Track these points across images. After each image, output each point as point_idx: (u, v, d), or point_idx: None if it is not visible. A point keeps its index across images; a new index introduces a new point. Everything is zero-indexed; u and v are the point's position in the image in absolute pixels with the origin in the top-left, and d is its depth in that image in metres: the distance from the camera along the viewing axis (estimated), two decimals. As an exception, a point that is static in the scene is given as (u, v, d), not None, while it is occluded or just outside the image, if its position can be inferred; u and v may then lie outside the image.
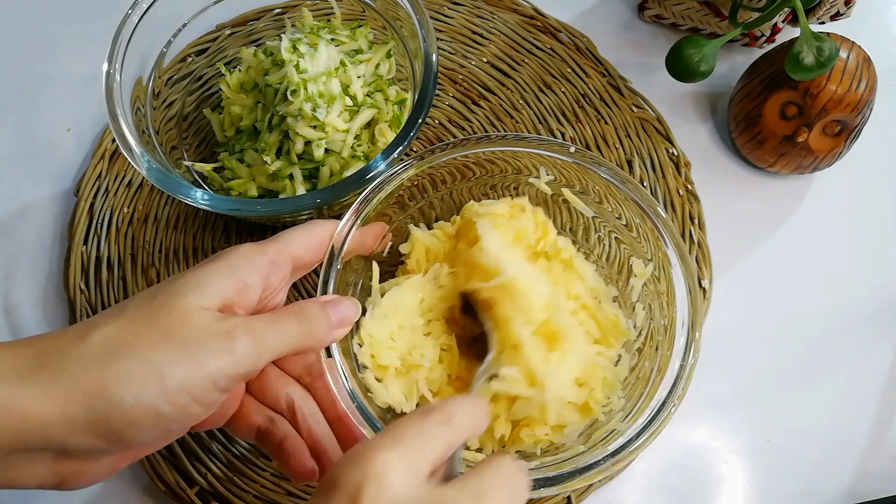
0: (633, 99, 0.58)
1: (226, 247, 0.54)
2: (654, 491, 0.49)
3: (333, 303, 0.38)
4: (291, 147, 0.49)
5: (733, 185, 0.57)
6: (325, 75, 0.49)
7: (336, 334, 0.38)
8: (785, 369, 0.52)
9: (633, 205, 0.43)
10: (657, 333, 0.43)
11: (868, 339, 0.53)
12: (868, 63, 0.51)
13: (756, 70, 0.54)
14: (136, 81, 0.48)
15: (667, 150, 0.57)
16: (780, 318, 0.53)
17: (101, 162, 0.56)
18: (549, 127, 0.58)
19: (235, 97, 0.52)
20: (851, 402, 0.51)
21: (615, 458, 0.37)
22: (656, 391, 0.39)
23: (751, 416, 0.51)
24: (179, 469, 0.48)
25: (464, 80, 0.59)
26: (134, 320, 0.33)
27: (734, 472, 0.49)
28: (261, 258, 0.36)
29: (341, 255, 0.41)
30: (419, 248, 0.47)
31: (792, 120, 0.52)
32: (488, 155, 0.45)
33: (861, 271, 0.55)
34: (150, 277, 0.54)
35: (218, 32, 0.55)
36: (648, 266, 0.44)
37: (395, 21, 0.51)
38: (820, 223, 0.56)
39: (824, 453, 0.50)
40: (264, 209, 0.44)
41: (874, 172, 0.58)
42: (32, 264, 0.55)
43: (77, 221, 0.55)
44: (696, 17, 0.60)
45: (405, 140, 0.44)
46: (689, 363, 0.39)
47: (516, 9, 0.62)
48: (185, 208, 0.55)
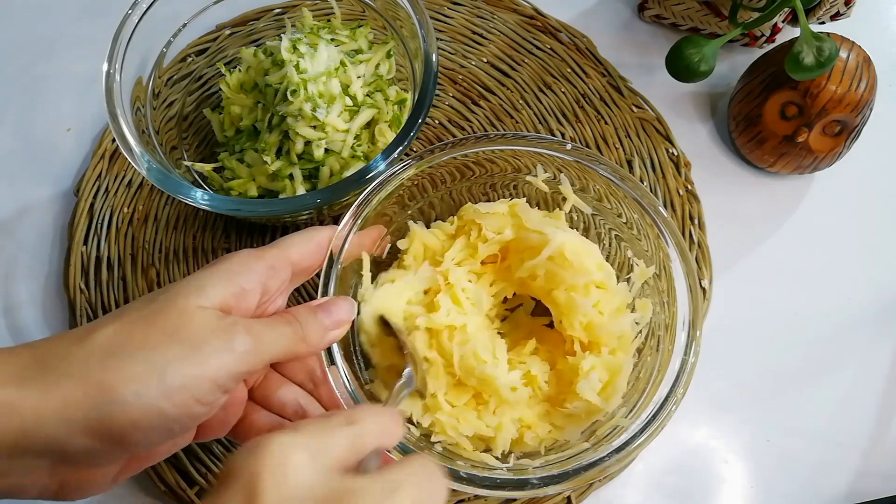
0: (633, 99, 0.58)
1: (226, 247, 0.54)
2: (654, 491, 0.49)
3: (326, 305, 0.38)
4: (291, 147, 0.49)
5: (733, 185, 0.57)
6: (325, 75, 0.49)
7: (332, 336, 0.38)
8: (785, 369, 0.52)
9: (632, 202, 0.43)
10: (658, 329, 0.43)
11: (868, 339, 0.53)
12: (868, 63, 0.51)
13: (756, 70, 0.54)
14: (136, 81, 0.48)
15: (667, 150, 0.57)
16: (780, 318, 0.53)
17: (101, 162, 0.56)
18: (549, 127, 0.58)
19: (235, 97, 0.52)
20: (851, 402, 0.51)
21: (619, 455, 0.38)
22: (657, 388, 0.39)
23: (751, 416, 0.51)
24: (179, 469, 0.48)
25: (464, 80, 0.59)
26: (134, 322, 0.33)
27: (734, 472, 0.49)
28: (259, 263, 0.36)
29: (341, 258, 0.41)
30: (417, 244, 0.47)
31: (792, 120, 0.52)
32: (487, 154, 0.45)
33: (861, 271, 0.55)
34: (150, 277, 0.54)
35: (218, 32, 0.55)
36: (650, 265, 0.44)
37: (395, 21, 0.51)
38: (820, 223, 0.56)
39: (824, 453, 0.50)
40: (264, 209, 0.44)
41: (874, 172, 0.58)
42: (32, 264, 0.55)
43: (77, 221, 0.55)
44: (696, 17, 0.60)
45: (405, 140, 0.44)
46: (690, 360, 0.40)
47: (516, 9, 0.62)
48: (185, 208, 0.55)
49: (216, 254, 0.54)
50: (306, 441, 0.28)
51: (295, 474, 0.26)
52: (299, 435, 0.28)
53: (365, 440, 0.30)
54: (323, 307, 0.38)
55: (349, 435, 0.29)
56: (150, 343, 0.32)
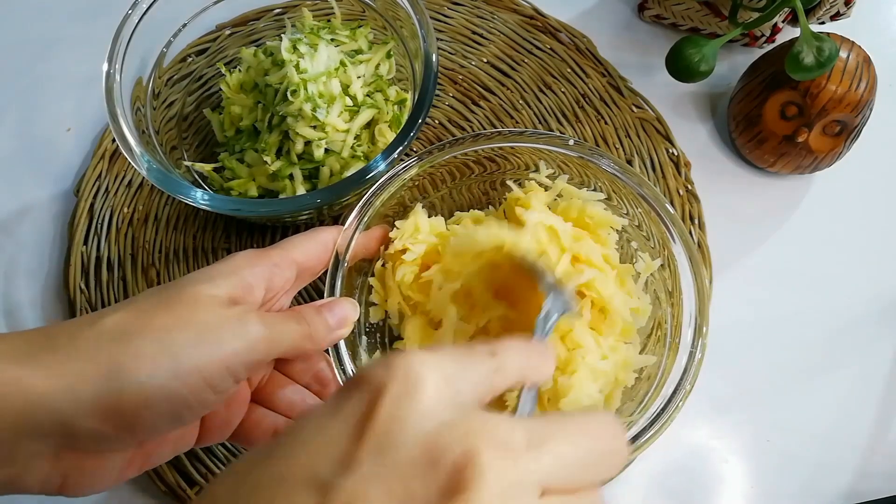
0: (633, 99, 0.58)
1: (226, 247, 0.54)
2: (654, 491, 0.49)
3: (330, 305, 0.39)
4: (291, 147, 0.49)
5: (733, 185, 0.57)
6: (325, 75, 0.49)
7: (337, 335, 0.38)
8: (785, 369, 0.52)
9: (635, 196, 0.43)
10: (664, 322, 0.43)
11: (868, 339, 0.53)
12: (868, 63, 0.51)
13: (756, 70, 0.54)
14: (136, 81, 0.48)
15: (667, 150, 0.57)
16: (780, 318, 0.53)
17: (101, 162, 0.56)
18: (549, 127, 0.58)
19: (235, 97, 0.52)
20: (851, 402, 0.51)
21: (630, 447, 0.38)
22: (665, 383, 0.39)
23: (751, 416, 0.51)
24: (179, 469, 0.48)
25: (464, 80, 0.59)
26: (145, 308, 0.33)
27: (734, 472, 0.49)
28: (263, 261, 0.37)
29: (346, 258, 0.41)
30: (410, 223, 0.45)
31: (792, 120, 0.52)
32: (488, 152, 0.45)
33: (861, 271, 0.55)
34: (150, 277, 0.54)
35: (218, 32, 0.55)
36: (655, 259, 0.44)
37: (395, 21, 0.51)
38: (820, 223, 0.56)
39: (824, 453, 0.50)
40: (264, 209, 0.44)
41: (874, 172, 0.58)
42: (32, 264, 0.55)
43: (77, 221, 0.55)
44: (696, 17, 0.60)
45: (405, 140, 0.44)
46: (697, 355, 0.40)
47: (516, 9, 0.62)
48: (185, 208, 0.55)
49: (216, 254, 0.54)
50: (443, 362, 0.24)
51: (424, 393, 0.23)
52: (437, 356, 0.24)
53: (507, 374, 0.26)
54: (327, 306, 0.38)
55: (490, 366, 0.26)
56: (162, 327, 0.32)
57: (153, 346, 0.31)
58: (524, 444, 0.22)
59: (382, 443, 0.21)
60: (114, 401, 0.30)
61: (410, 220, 0.44)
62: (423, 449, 0.21)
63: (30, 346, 0.31)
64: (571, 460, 0.23)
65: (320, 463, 0.22)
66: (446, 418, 0.22)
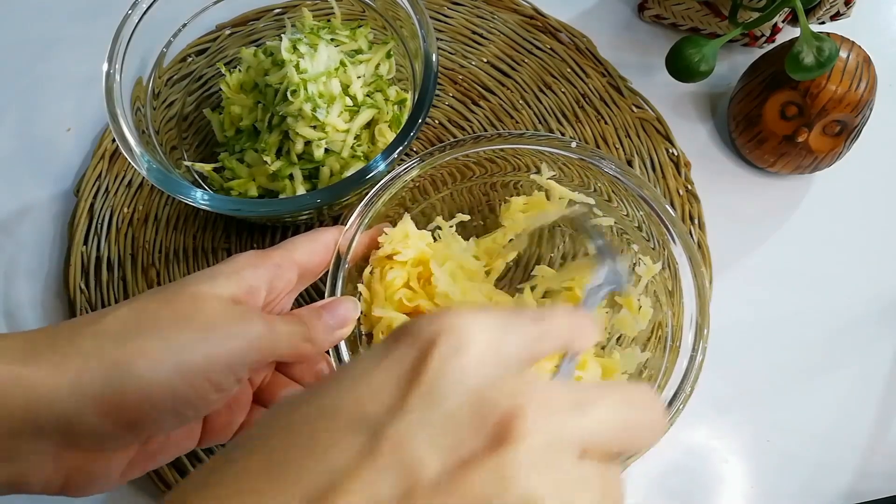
0: (633, 99, 0.58)
1: (226, 247, 0.54)
2: (654, 491, 0.49)
3: (330, 305, 0.38)
4: (291, 147, 0.49)
5: (733, 185, 0.57)
6: (325, 75, 0.49)
7: (338, 335, 0.38)
8: (785, 369, 0.52)
9: (636, 198, 0.43)
10: (665, 325, 0.43)
11: (868, 339, 0.53)
12: (868, 63, 0.51)
13: (756, 70, 0.54)
14: (136, 81, 0.48)
15: (667, 150, 0.57)
16: (780, 318, 0.53)
17: (101, 162, 0.56)
18: (549, 127, 0.58)
19: (235, 97, 0.52)
20: (851, 402, 0.51)
21: None
22: (665, 386, 0.39)
23: (751, 416, 0.51)
24: (179, 469, 0.48)
25: (464, 80, 0.59)
26: (147, 307, 0.33)
27: (734, 472, 0.49)
28: (265, 262, 0.37)
29: (348, 258, 0.41)
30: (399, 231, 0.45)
31: (792, 120, 0.52)
32: (489, 154, 0.45)
33: (861, 271, 0.55)
34: (150, 277, 0.54)
35: (218, 32, 0.55)
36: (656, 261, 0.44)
37: (395, 21, 0.51)
38: (820, 223, 0.56)
39: (824, 453, 0.50)
40: (264, 209, 0.44)
41: (874, 172, 0.58)
42: (32, 264, 0.55)
43: (77, 221, 0.55)
44: (696, 17, 0.60)
45: (405, 140, 0.44)
46: (698, 357, 0.40)
47: (516, 9, 0.62)
48: (185, 208, 0.55)
49: (216, 254, 0.54)
50: (492, 323, 0.24)
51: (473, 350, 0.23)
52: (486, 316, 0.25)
53: (552, 340, 0.26)
54: (327, 307, 0.38)
55: (536, 330, 0.26)
56: (165, 324, 0.32)
57: (156, 343, 0.31)
58: (568, 406, 0.23)
59: (433, 392, 0.22)
60: (116, 397, 0.30)
61: (399, 228, 0.45)
62: (471, 402, 0.22)
63: (31, 345, 0.31)
64: (612, 425, 0.23)
65: (369, 405, 0.22)
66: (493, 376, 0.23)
